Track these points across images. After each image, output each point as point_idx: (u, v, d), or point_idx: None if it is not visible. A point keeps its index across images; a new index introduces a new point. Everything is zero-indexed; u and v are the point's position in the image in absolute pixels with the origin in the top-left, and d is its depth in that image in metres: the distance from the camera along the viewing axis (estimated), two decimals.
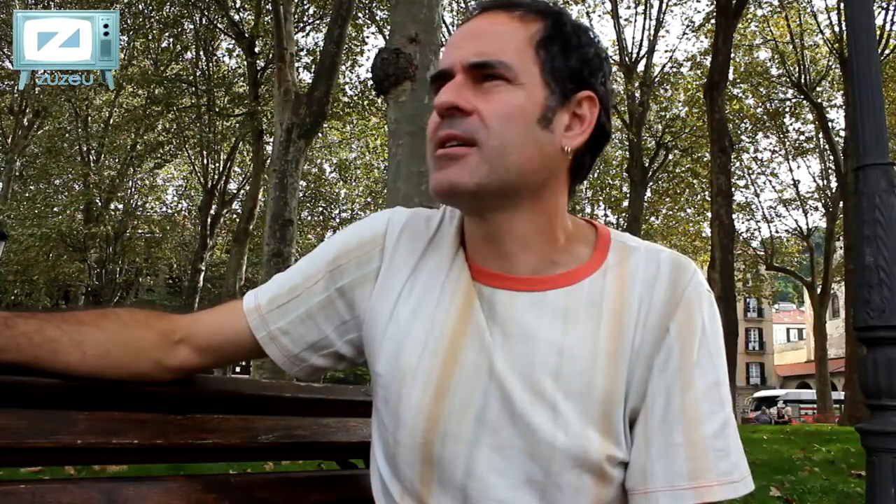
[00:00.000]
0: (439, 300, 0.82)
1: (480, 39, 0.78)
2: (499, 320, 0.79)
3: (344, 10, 9.91)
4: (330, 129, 19.74)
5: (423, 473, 0.79)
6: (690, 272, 0.81)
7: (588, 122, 0.80)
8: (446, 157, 0.76)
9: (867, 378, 2.20)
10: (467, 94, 0.76)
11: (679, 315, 0.78)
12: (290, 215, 9.76)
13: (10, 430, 0.70)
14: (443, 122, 0.77)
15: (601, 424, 0.75)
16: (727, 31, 11.57)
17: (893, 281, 2.19)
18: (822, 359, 20.82)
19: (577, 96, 0.79)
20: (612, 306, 0.78)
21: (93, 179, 19.54)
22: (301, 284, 0.87)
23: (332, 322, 0.87)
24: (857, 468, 5.28)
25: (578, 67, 0.79)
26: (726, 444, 0.76)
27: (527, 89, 0.76)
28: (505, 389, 0.76)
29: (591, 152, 0.83)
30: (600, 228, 0.87)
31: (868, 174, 2.28)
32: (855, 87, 2.37)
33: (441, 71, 0.79)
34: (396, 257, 0.86)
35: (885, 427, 2.14)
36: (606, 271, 0.81)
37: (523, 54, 0.77)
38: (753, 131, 21.56)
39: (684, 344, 0.77)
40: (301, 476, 1.01)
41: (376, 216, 0.91)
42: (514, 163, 0.75)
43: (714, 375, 0.77)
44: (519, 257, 0.80)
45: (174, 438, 0.83)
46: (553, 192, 0.81)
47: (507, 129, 0.75)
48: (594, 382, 0.75)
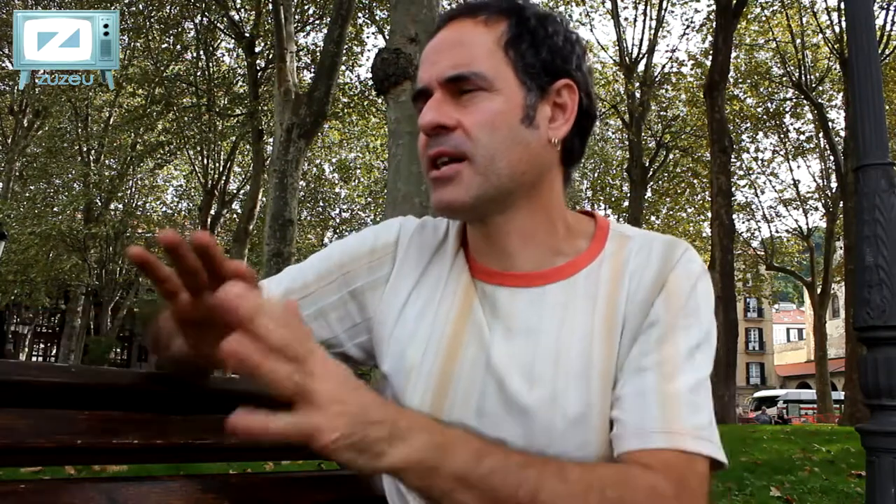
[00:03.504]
0: (441, 301, 0.84)
1: (451, 52, 0.79)
2: (500, 317, 0.81)
3: (344, 10, 9.91)
4: (330, 129, 19.74)
5: None
6: (682, 249, 0.81)
7: (570, 110, 0.81)
8: (441, 180, 0.78)
9: (867, 378, 2.20)
10: (448, 110, 0.77)
11: (667, 287, 0.78)
12: (290, 215, 9.76)
13: (10, 430, 0.70)
14: (430, 140, 0.79)
15: (601, 403, 0.76)
16: (727, 31, 11.57)
17: (893, 281, 2.19)
18: (822, 359, 20.82)
19: (555, 86, 0.80)
20: (607, 291, 0.80)
21: (93, 179, 19.54)
22: (314, 283, 0.88)
23: (343, 324, 0.88)
24: (857, 468, 5.28)
25: (550, 58, 0.80)
26: (697, 402, 0.74)
27: (504, 93, 0.77)
28: (503, 382, 0.77)
29: (578, 137, 0.84)
30: (599, 220, 0.88)
31: (868, 174, 2.29)
32: (855, 87, 2.37)
33: (420, 89, 0.81)
34: (406, 264, 0.88)
35: (885, 427, 2.14)
36: (603, 261, 0.82)
37: (494, 58, 0.78)
38: (753, 131, 21.57)
39: (667, 312, 0.77)
40: (301, 476, 1.01)
41: (388, 223, 0.93)
42: (505, 168, 0.77)
43: (696, 339, 0.76)
44: (520, 253, 0.82)
45: (174, 438, 0.83)
46: (548, 184, 0.82)
47: (493, 137, 0.76)
48: (592, 362, 0.77)
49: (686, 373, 0.75)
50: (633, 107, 18.07)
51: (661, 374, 0.74)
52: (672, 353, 0.75)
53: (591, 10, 19.17)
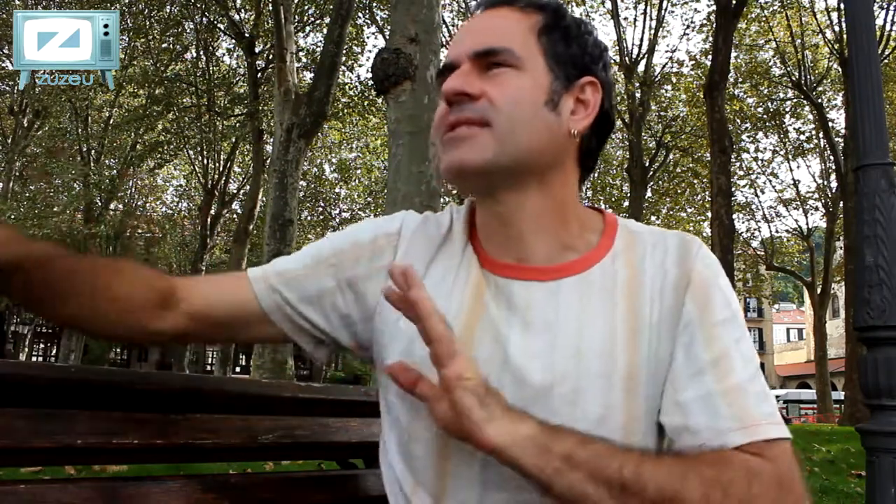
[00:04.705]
0: (450, 294, 0.82)
1: (484, 31, 0.81)
2: (517, 310, 0.79)
3: (344, 10, 9.91)
4: (330, 130, 19.74)
5: (440, 466, 0.79)
6: (697, 246, 0.82)
7: (592, 107, 0.82)
8: (456, 139, 0.78)
9: (867, 378, 2.20)
10: (474, 81, 0.78)
11: (693, 285, 0.79)
12: (290, 215, 9.76)
13: (10, 430, 0.70)
14: (452, 108, 0.78)
15: (624, 404, 0.75)
16: (727, 31, 11.56)
17: (893, 281, 2.19)
18: (822, 359, 20.80)
19: (580, 81, 0.81)
20: (626, 290, 0.79)
21: (93, 179, 19.54)
22: (312, 265, 0.88)
23: (336, 311, 0.87)
24: (857, 468, 5.29)
25: (580, 54, 0.82)
26: (764, 389, 0.75)
27: (532, 74, 0.78)
28: (524, 378, 0.76)
29: (597, 137, 0.85)
30: (607, 215, 0.88)
31: (868, 174, 2.28)
32: (855, 87, 2.37)
33: (447, 64, 0.82)
34: (409, 256, 0.86)
35: (885, 427, 2.14)
36: (616, 257, 0.82)
37: (526, 41, 0.79)
38: (753, 131, 21.55)
39: (703, 310, 0.78)
40: (301, 476, 1.01)
41: (391, 217, 0.93)
42: (524, 142, 0.77)
43: (739, 331, 0.78)
44: (533, 240, 0.81)
45: (174, 438, 0.83)
46: (562, 176, 0.82)
47: (517, 110, 0.77)
48: (615, 363, 0.76)
49: (741, 365, 0.75)
50: (633, 107, 18.05)
51: (718, 374, 0.74)
52: (722, 351, 0.76)
53: (591, 10, 19.15)
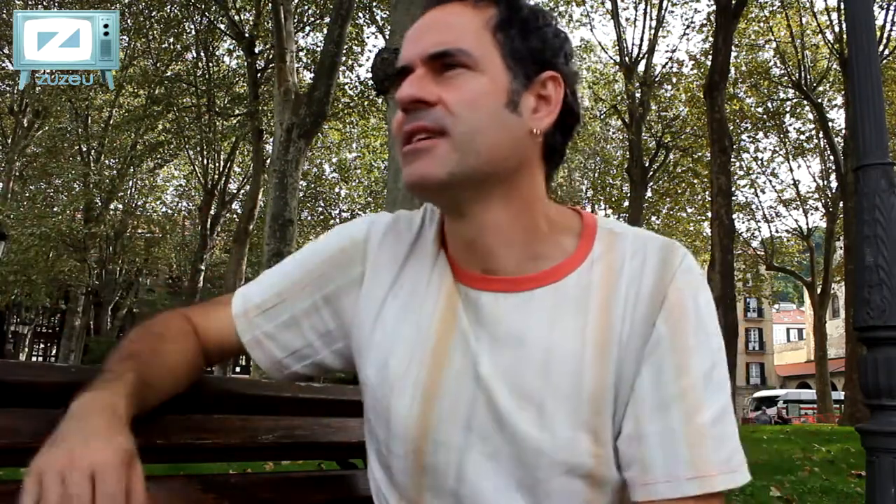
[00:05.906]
0: (423, 305, 0.80)
1: (436, 30, 0.76)
2: (485, 324, 0.77)
3: (344, 10, 9.91)
4: (330, 130, 19.73)
5: (417, 481, 0.78)
6: (679, 257, 0.78)
7: (555, 103, 0.77)
8: (414, 152, 0.74)
9: (867, 378, 2.19)
10: (429, 86, 0.74)
11: (668, 302, 0.75)
12: (290, 215, 9.76)
13: (10, 430, 0.70)
14: (407, 116, 0.75)
15: (591, 425, 0.73)
16: (727, 31, 11.56)
17: (893, 281, 2.19)
18: (822, 359, 20.81)
19: (541, 77, 0.77)
20: (600, 300, 0.76)
21: (93, 179, 19.54)
22: (288, 290, 0.87)
23: (316, 330, 0.87)
24: (857, 468, 5.28)
25: (539, 48, 0.77)
26: (723, 432, 0.73)
27: (489, 74, 0.74)
28: (491, 397, 0.75)
29: (561, 134, 0.80)
30: (585, 216, 0.83)
31: (868, 174, 2.28)
32: (855, 87, 2.37)
33: (401, 68, 0.77)
34: (379, 262, 0.85)
35: (885, 427, 2.14)
36: (593, 263, 0.78)
37: (481, 39, 0.75)
38: (753, 131, 21.55)
39: (675, 330, 0.74)
40: (301, 476, 1.01)
41: (357, 222, 0.90)
42: (484, 148, 0.73)
43: (710, 359, 0.74)
44: (501, 253, 0.78)
45: (174, 438, 0.83)
46: (528, 178, 0.78)
47: (475, 114, 0.72)
48: (582, 383, 0.73)
49: (710, 401, 0.73)
50: (634, 107, 18.05)
51: (686, 409, 0.72)
52: (691, 383, 0.73)
53: (591, 10, 19.22)
